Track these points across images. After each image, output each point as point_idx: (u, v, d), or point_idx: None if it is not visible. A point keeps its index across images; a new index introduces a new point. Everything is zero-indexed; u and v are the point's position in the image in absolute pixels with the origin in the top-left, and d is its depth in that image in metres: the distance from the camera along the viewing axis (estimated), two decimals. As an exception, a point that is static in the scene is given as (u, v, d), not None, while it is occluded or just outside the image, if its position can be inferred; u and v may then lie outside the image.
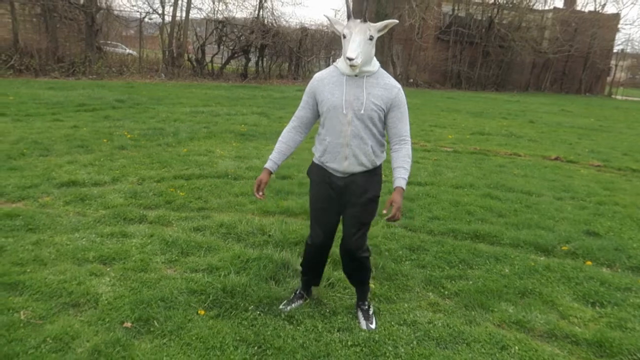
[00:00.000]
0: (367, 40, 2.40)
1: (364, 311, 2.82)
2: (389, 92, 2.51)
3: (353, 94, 2.48)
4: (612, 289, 3.36)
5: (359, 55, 2.38)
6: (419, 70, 26.53)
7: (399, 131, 2.56)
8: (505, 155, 8.09)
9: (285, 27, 22.00)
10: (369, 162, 2.56)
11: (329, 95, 2.51)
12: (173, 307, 2.78)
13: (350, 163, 2.54)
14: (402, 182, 2.51)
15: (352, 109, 2.47)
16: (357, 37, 2.38)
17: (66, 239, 3.57)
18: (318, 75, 2.61)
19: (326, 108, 2.52)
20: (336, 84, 2.51)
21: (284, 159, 2.70)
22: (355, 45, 2.37)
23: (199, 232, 3.88)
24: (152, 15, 19.67)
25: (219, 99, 12.99)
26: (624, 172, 7.42)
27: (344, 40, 2.44)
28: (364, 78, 2.49)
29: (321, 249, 2.74)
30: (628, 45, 37.69)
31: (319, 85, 2.56)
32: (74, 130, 7.37)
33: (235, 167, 5.91)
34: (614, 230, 4.55)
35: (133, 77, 17.37)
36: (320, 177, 2.65)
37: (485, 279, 3.39)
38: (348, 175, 2.59)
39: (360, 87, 2.48)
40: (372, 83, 2.50)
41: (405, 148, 2.56)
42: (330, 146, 2.55)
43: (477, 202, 5.13)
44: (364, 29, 2.40)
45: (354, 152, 2.52)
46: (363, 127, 2.49)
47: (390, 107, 2.52)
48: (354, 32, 2.39)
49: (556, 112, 16.66)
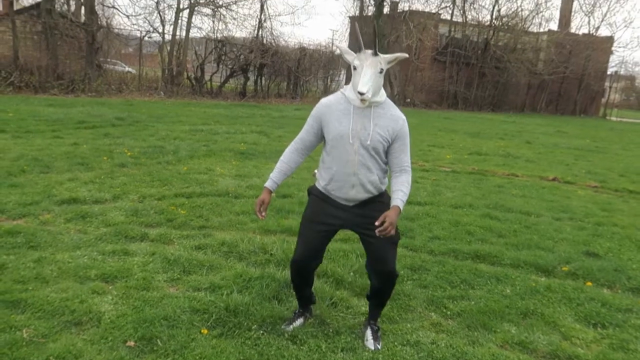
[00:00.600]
0: (378, 74, 2.44)
1: (374, 331, 2.82)
2: (395, 123, 2.55)
3: (360, 124, 2.50)
4: (613, 310, 3.37)
5: (370, 89, 2.41)
6: (416, 91, 26.79)
7: (400, 161, 2.60)
8: (503, 176, 8.14)
9: (284, 47, 22.26)
10: (375, 189, 2.60)
11: (336, 124, 2.53)
12: (176, 326, 2.77)
13: (357, 191, 2.57)
14: (400, 202, 2.52)
15: (358, 138, 2.50)
16: (369, 70, 2.41)
17: (68, 257, 3.56)
18: (325, 101, 2.63)
19: (332, 136, 2.54)
20: (344, 113, 2.53)
21: (284, 178, 2.72)
22: (367, 79, 2.40)
23: (200, 251, 3.88)
24: (152, 33, 19.84)
25: (218, 118, 13.06)
26: (621, 193, 7.48)
27: (354, 71, 2.47)
28: (371, 108, 2.52)
29: (303, 268, 2.73)
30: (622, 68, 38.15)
31: (327, 111, 2.58)
32: (74, 148, 7.39)
33: (236, 185, 5.93)
34: (613, 251, 4.57)
35: (132, 94, 17.46)
36: (321, 206, 2.66)
37: (487, 299, 3.40)
38: (355, 203, 2.61)
39: (367, 117, 2.51)
40: (379, 113, 2.53)
41: (405, 175, 2.59)
42: (337, 175, 2.57)
43: (476, 222, 5.15)
44: (375, 62, 2.43)
45: (361, 180, 2.54)
46: (369, 156, 2.52)
47: (395, 138, 2.56)
48: (365, 65, 2.42)
49: (552, 133, 16.82)
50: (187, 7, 19.59)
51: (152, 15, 19.64)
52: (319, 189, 2.68)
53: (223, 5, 20.37)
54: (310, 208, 2.72)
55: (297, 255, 2.70)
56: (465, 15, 27.68)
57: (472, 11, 27.98)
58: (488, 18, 27.94)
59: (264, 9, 21.31)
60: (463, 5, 27.39)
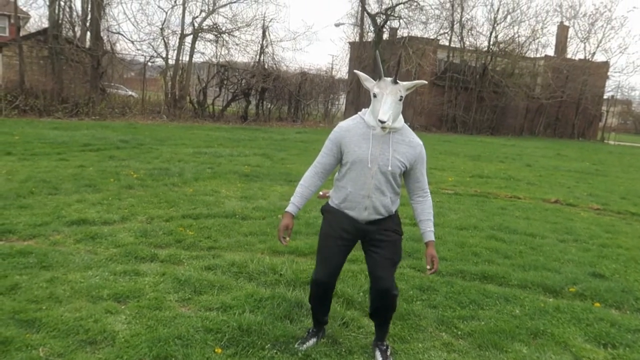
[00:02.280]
0: (398, 101, 2.51)
1: (383, 351, 2.83)
2: (414, 149, 2.63)
3: (379, 149, 2.57)
4: (623, 331, 3.39)
5: (391, 117, 2.48)
6: (415, 114, 27.05)
7: (421, 185, 2.71)
8: (506, 198, 8.20)
9: (285, 72, 22.59)
10: (386, 211, 2.67)
11: (355, 148, 2.59)
12: (190, 345, 2.78)
13: (369, 213, 2.64)
14: (432, 235, 2.73)
15: (377, 163, 2.56)
16: (389, 98, 2.48)
17: (80, 277, 3.59)
18: (344, 125, 2.68)
19: (352, 160, 2.60)
20: (363, 137, 2.59)
21: (305, 202, 2.78)
22: (387, 108, 2.47)
23: (210, 271, 3.91)
24: (156, 58, 20.16)
25: (220, 140, 13.18)
26: (624, 215, 7.52)
27: (374, 99, 2.53)
28: (390, 134, 2.59)
29: (324, 287, 2.77)
30: (618, 92, 38.61)
31: (346, 135, 2.63)
32: (81, 170, 7.45)
33: (242, 207, 5.98)
34: (619, 272, 4.60)
35: (135, 118, 17.64)
36: (337, 219, 2.71)
37: (497, 319, 3.42)
38: (366, 222, 2.67)
39: (386, 142, 2.58)
40: (398, 139, 2.60)
41: (428, 200, 2.74)
42: (351, 196, 2.63)
43: (482, 244, 5.18)
44: (395, 90, 2.50)
45: (374, 203, 2.61)
46: (385, 180, 2.59)
47: (414, 163, 2.64)
48: (385, 93, 2.49)
49: (552, 156, 16.95)
50: (190, 33, 19.95)
51: (156, 41, 19.88)
52: (333, 206, 2.74)
53: (226, 31, 20.76)
54: (326, 224, 2.77)
55: (318, 274, 2.72)
56: (463, 41, 28.18)
57: (470, 37, 28.48)
58: (486, 44, 28.44)
59: (265, 35, 21.72)
60: (461, 31, 27.91)
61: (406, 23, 25.80)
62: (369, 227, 2.67)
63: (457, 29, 27.81)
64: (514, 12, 28.77)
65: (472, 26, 28.56)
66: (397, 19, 25.69)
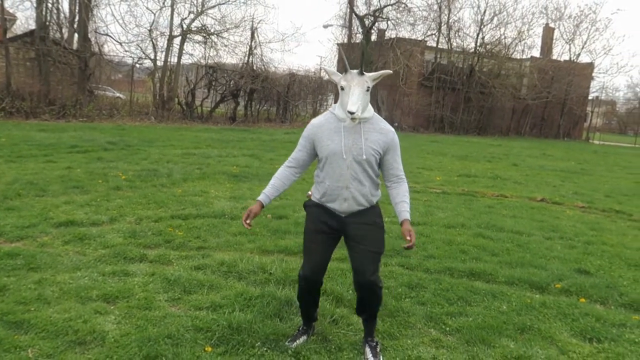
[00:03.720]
0: (365, 92, 2.56)
1: (372, 347, 2.85)
2: (385, 136, 2.67)
3: (352, 140, 2.62)
4: (608, 325, 3.45)
5: (359, 107, 2.53)
6: (403, 115, 27.21)
7: (395, 171, 2.74)
8: (493, 197, 8.29)
9: (274, 73, 22.62)
10: (366, 202, 2.70)
11: (328, 142, 2.64)
12: (180, 344, 2.79)
13: (349, 204, 2.67)
14: (407, 214, 2.70)
15: (351, 153, 2.61)
16: (356, 90, 2.53)
17: (68, 278, 3.57)
18: (316, 122, 2.74)
19: (326, 154, 2.65)
20: (334, 131, 2.65)
21: (277, 194, 2.81)
22: (355, 99, 2.52)
23: (200, 271, 3.91)
24: (144, 60, 20.04)
25: (209, 142, 13.14)
26: (608, 213, 7.64)
27: (342, 91, 2.59)
28: (360, 124, 2.64)
29: (311, 282, 2.79)
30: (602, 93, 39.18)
31: (318, 131, 2.69)
32: (68, 171, 7.40)
33: (231, 207, 5.98)
34: (604, 269, 4.68)
35: (123, 119, 17.51)
36: (317, 213, 2.76)
37: (485, 315, 3.46)
38: (347, 215, 2.71)
39: (358, 132, 2.63)
40: (369, 128, 2.65)
41: (402, 184, 2.76)
42: (329, 189, 2.67)
43: (470, 242, 5.24)
44: (362, 81, 2.55)
45: (352, 194, 2.65)
46: (361, 170, 2.63)
47: (386, 149, 2.69)
48: (352, 85, 2.54)
49: (538, 156, 17.14)
50: (179, 34, 19.88)
51: (145, 42, 19.77)
52: (315, 201, 2.79)
53: (214, 33, 20.71)
54: (309, 220, 2.82)
55: (305, 270, 2.75)
56: (450, 43, 28.41)
57: (457, 38, 28.73)
58: (472, 45, 28.70)
59: (254, 36, 21.71)
60: (448, 33, 28.15)
61: (394, 24, 25.99)
62: (350, 220, 2.70)
63: (445, 31, 28.06)
64: (501, 13, 29.02)
65: (459, 27, 28.86)
66: (385, 20, 25.85)
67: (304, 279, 2.76)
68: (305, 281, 2.77)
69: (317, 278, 2.78)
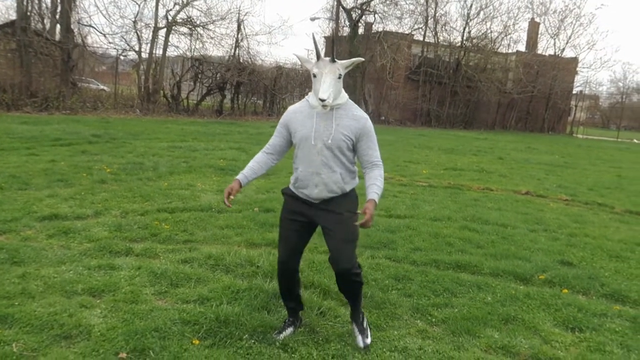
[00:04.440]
0: (337, 80, 2.58)
1: (359, 324, 2.92)
2: (357, 122, 2.67)
3: (323, 126, 2.64)
4: (590, 315, 3.52)
5: (331, 95, 2.55)
6: (390, 108, 27.29)
7: (369, 157, 2.72)
8: (479, 190, 8.36)
9: (261, 66, 22.48)
10: (338, 189, 2.70)
11: (300, 127, 2.68)
12: (167, 337, 2.78)
13: (320, 190, 2.68)
14: (375, 195, 2.63)
15: (321, 139, 2.63)
16: (328, 77, 2.55)
17: (53, 272, 3.53)
18: (292, 108, 2.81)
19: (298, 138, 2.69)
20: (307, 117, 2.69)
21: (255, 176, 2.84)
22: (327, 86, 2.54)
23: (187, 264, 3.90)
24: (129, 52, 19.78)
25: (195, 135, 13.05)
26: (591, 206, 7.77)
27: (314, 79, 2.61)
28: (333, 110, 2.66)
29: (285, 267, 2.84)
30: (586, 87, 39.67)
31: (292, 117, 2.75)
32: (52, 165, 7.29)
33: (218, 200, 5.95)
34: (587, 260, 4.76)
35: (108, 112, 17.30)
36: (292, 202, 2.80)
37: (470, 306, 3.51)
38: (321, 201, 2.72)
39: (329, 119, 2.65)
40: (341, 114, 2.67)
41: (376, 169, 2.71)
42: (302, 174, 2.70)
43: (455, 234, 5.29)
44: (333, 69, 2.57)
45: (323, 180, 2.66)
46: (332, 156, 2.65)
47: (359, 136, 2.68)
48: (324, 72, 2.56)
49: (523, 150, 17.32)
50: (164, 26, 19.64)
51: (129, 34, 19.50)
52: (290, 188, 2.83)
53: (200, 24, 20.51)
54: (284, 207, 2.87)
55: (279, 256, 2.83)
56: (437, 36, 28.51)
57: (443, 32, 28.84)
58: (459, 39, 28.84)
59: (240, 28, 21.55)
60: (435, 26, 28.23)
61: (381, 18, 25.98)
62: (323, 208, 2.72)
63: (431, 24, 28.14)
64: (487, 8, 29.16)
65: (445, 21, 28.97)
66: (372, 13, 25.83)
67: (281, 264, 2.84)
68: (282, 266, 2.84)
69: (291, 263, 2.83)
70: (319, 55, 2.60)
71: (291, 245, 2.80)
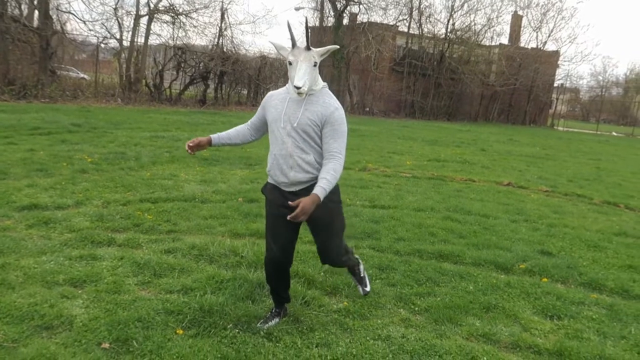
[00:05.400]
0: (312, 67, 2.58)
1: (356, 275, 3.18)
2: (326, 109, 2.65)
3: (293, 109, 2.66)
4: (568, 303, 3.60)
5: (306, 82, 2.55)
6: (374, 100, 27.32)
7: (329, 147, 2.64)
8: (461, 181, 8.45)
9: (245, 55, 22.27)
10: (313, 169, 2.67)
11: (272, 110, 2.74)
12: (151, 327, 2.77)
13: (295, 172, 2.67)
14: (320, 190, 2.52)
15: (289, 122, 2.65)
16: (304, 65, 2.55)
17: (33, 262, 3.48)
18: (271, 92, 2.87)
19: (269, 121, 2.75)
20: (281, 100, 2.73)
21: (228, 142, 2.92)
22: (302, 74, 2.54)
23: (170, 254, 3.87)
24: (110, 40, 19.42)
25: (178, 124, 12.91)
26: (570, 197, 7.90)
27: (289, 66, 2.61)
28: (306, 96, 2.66)
29: (277, 265, 2.82)
30: (567, 80, 40.21)
31: (269, 100, 2.81)
32: (31, 154, 7.16)
33: (202, 190, 5.92)
34: (565, 250, 4.86)
35: (88, 101, 17.00)
36: (273, 195, 2.79)
37: (452, 295, 3.56)
38: (299, 189, 2.69)
39: (299, 103, 2.66)
40: (312, 100, 2.66)
41: (332, 162, 2.60)
42: (276, 158, 2.71)
43: (438, 224, 5.35)
44: (309, 57, 2.57)
45: (297, 161, 2.66)
46: (301, 139, 2.65)
47: (324, 123, 2.65)
48: (299, 60, 2.56)
49: (505, 142, 17.52)
50: (146, 14, 19.31)
51: (110, 21, 19.16)
52: (268, 182, 2.84)
53: (183, 13, 20.21)
54: (267, 205, 2.86)
55: (274, 252, 2.78)
56: (421, 28, 28.56)
57: (428, 24, 28.91)
58: (443, 31, 28.94)
59: (224, 17, 21.31)
60: (419, 18, 28.26)
61: (366, 8, 25.91)
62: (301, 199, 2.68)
63: (416, 16, 28.16)
64: (471, 0, 29.29)
65: (430, 13, 29.06)
66: (357, 4, 25.73)
67: (273, 262, 2.80)
68: (275, 263, 2.79)
69: (288, 259, 2.81)
70: (294, 42, 2.59)
71: (283, 240, 2.76)
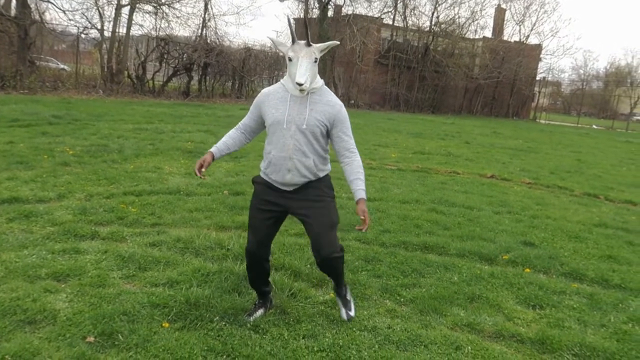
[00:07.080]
0: (313, 63, 2.55)
1: (342, 297, 3.00)
2: (332, 108, 2.66)
3: (297, 110, 2.61)
4: (550, 293, 3.66)
5: (308, 79, 2.52)
6: (359, 92, 27.32)
7: (346, 144, 2.71)
8: (446, 173, 8.52)
9: (229, 47, 22.05)
10: (311, 174, 2.69)
11: (273, 111, 2.64)
12: (136, 320, 2.75)
13: (293, 175, 2.66)
14: (362, 193, 2.70)
15: (294, 123, 2.60)
16: (304, 61, 2.52)
17: (14, 256, 3.42)
18: (265, 91, 2.76)
19: (270, 122, 2.66)
20: (281, 100, 2.65)
21: (227, 152, 2.86)
22: (303, 70, 2.51)
23: (155, 248, 3.84)
24: (90, 30, 19.05)
25: (161, 117, 12.76)
26: (552, 189, 8.03)
27: (289, 62, 2.56)
28: (308, 95, 2.63)
29: (257, 257, 2.81)
30: (549, 74, 40.69)
31: (265, 100, 2.71)
32: (10, 146, 7.02)
33: (187, 183, 5.87)
34: (547, 241, 4.94)
35: (69, 92, 16.69)
36: (263, 191, 2.76)
37: (437, 286, 3.59)
38: (293, 189, 2.70)
39: (304, 103, 2.62)
40: (316, 99, 2.64)
41: (355, 160, 2.73)
42: (274, 159, 2.66)
43: (423, 216, 5.39)
44: (309, 52, 2.54)
45: (296, 165, 2.64)
46: (305, 141, 2.62)
47: (333, 122, 2.67)
48: (300, 56, 2.52)
49: (489, 134, 17.69)
50: (127, 3, 18.97)
51: (90, 11, 18.80)
52: (261, 176, 2.80)
53: (165, 3, 19.90)
54: (254, 197, 2.83)
55: (248, 244, 2.80)
56: (406, 21, 28.58)
57: (412, 17, 28.92)
58: (428, 24, 29.00)
59: (208, 8, 21.05)
60: (404, 11, 28.26)
61: (351, 1, 25.80)
62: (295, 197, 2.70)
63: (401, 8, 28.15)
64: (455, -7, 29.32)
65: (414, 6, 29.06)
66: (341, -4, 25.61)
67: (247, 253, 2.81)
68: (252, 255, 2.80)
69: (263, 253, 2.81)
70: (294, 38, 2.55)
71: (261, 236, 2.77)
